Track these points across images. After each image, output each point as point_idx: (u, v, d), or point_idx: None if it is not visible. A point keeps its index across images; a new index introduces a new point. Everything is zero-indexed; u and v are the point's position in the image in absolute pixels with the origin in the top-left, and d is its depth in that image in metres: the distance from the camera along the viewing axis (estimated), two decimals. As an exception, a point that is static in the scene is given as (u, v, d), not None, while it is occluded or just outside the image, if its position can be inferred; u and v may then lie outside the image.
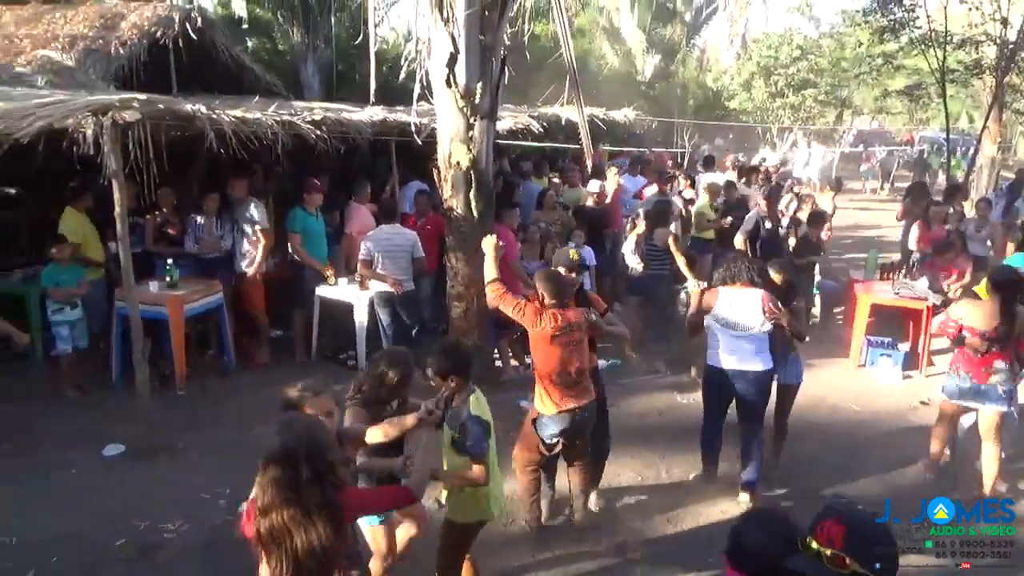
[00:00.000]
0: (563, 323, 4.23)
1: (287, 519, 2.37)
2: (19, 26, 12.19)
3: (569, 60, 6.64)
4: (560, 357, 4.24)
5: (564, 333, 4.23)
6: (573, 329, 4.27)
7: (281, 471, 2.39)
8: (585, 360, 4.37)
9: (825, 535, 1.91)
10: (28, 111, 5.36)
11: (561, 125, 11.69)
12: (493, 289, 4.44)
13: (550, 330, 4.21)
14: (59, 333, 6.30)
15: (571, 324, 4.26)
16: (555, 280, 4.40)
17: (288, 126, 6.48)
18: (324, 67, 19.18)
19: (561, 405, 4.28)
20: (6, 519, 4.56)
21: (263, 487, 2.42)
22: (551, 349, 4.24)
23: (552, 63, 19.28)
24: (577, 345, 4.30)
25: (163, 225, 7.22)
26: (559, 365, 4.25)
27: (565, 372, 4.26)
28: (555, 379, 4.27)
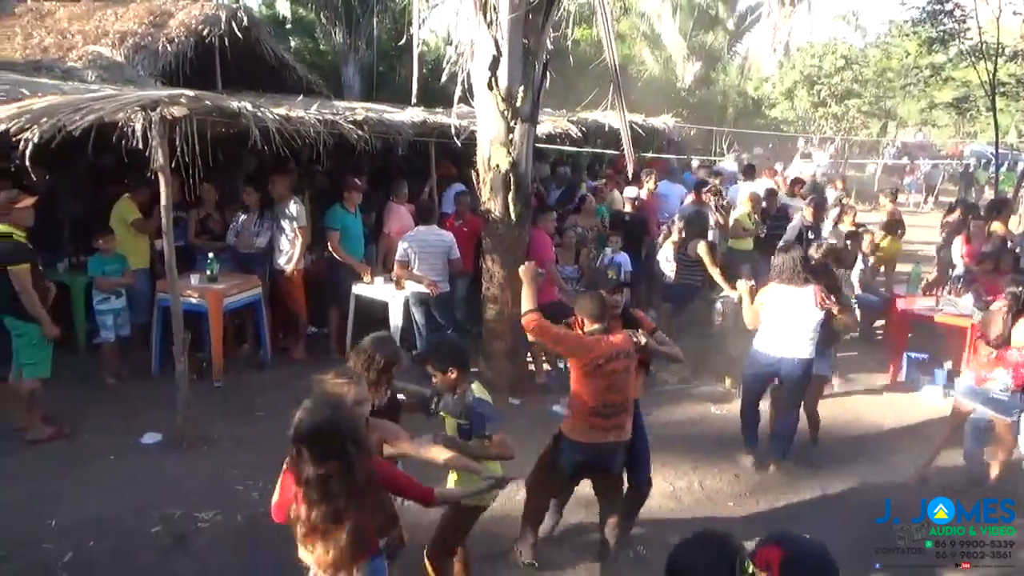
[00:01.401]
0: (609, 350, 3.90)
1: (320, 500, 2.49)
2: (72, 22, 12.52)
3: (612, 65, 6.61)
4: (601, 387, 3.90)
5: (609, 361, 3.89)
6: (620, 356, 3.94)
7: (325, 445, 2.50)
8: (629, 391, 4.04)
9: (763, 559, 1.86)
10: (80, 104, 5.49)
11: (604, 131, 11.66)
12: (529, 320, 4.00)
13: (594, 358, 3.88)
14: (103, 322, 6.45)
15: (618, 351, 3.93)
16: (596, 302, 4.06)
17: (330, 125, 6.56)
18: (365, 68, 19.40)
19: (588, 437, 3.98)
20: (47, 502, 4.67)
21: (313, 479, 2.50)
22: (593, 378, 3.90)
23: (592, 68, 19.29)
24: (623, 374, 3.95)
25: (205, 220, 7.35)
26: (599, 396, 3.91)
27: (603, 404, 3.92)
28: (590, 409, 3.94)
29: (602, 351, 3.90)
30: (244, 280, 6.96)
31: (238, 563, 4.17)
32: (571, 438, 4.03)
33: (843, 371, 7.43)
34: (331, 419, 2.55)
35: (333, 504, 2.51)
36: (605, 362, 3.89)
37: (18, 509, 4.59)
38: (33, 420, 5.49)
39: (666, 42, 24.07)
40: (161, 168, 5.26)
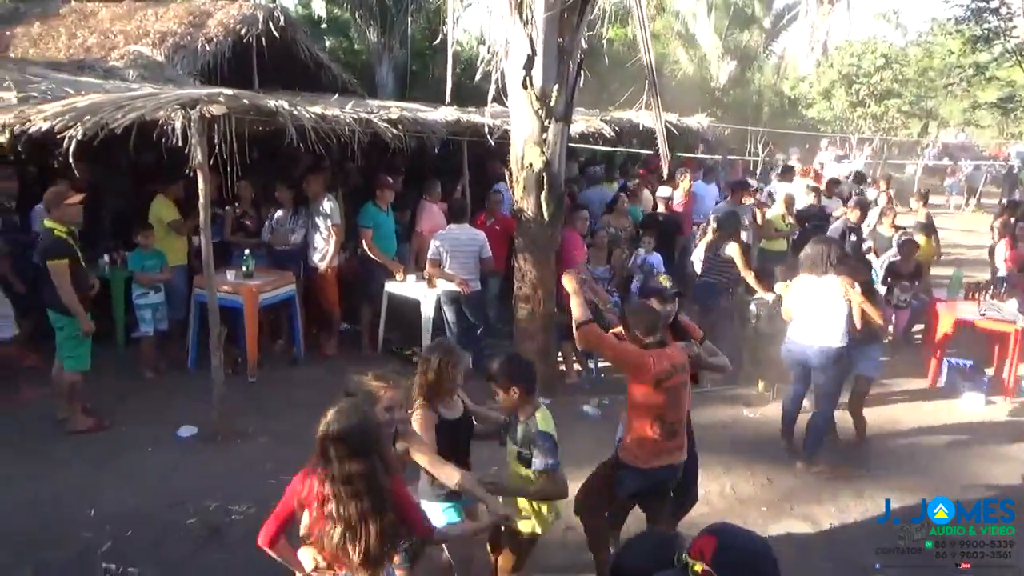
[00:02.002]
0: (668, 365, 3.68)
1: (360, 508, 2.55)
2: (114, 22, 12.80)
3: (648, 65, 6.56)
4: (663, 405, 3.70)
5: (669, 376, 3.68)
6: (678, 371, 3.73)
7: (354, 462, 2.56)
8: (686, 406, 3.86)
9: (697, 550, 1.84)
10: (122, 103, 5.61)
11: (638, 130, 11.58)
12: (585, 333, 3.84)
13: (655, 375, 3.67)
14: (142, 316, 6.58)
15: (676, 366, 3.72)
16: (650, 315, 3.84)
17: (365, 124, 6.61)
18: (398, 67, 19.53)
19: (653, 461, 3.77)
20: (87, 492, 4.78)
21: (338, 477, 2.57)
22: (655, 396, 3.69)
23: (625, 68, 19.15)
24: (681, 389, 3.76)
25: (241, 216, 7.45)
26: (661, 415, 3.71)
27: (666, 422, 3.72)
28: (654, 430, 3.71)
29: (662, 367, 3.68)
30: (279, 277, 7.04)
31: (270, 558, 4.20)
32: (635, 466, 3.80)
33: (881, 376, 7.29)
34: (359, 424, 2.61)
35: (360, 503, 2.57)
36: (666, 377, 3.68)
37: (60, 498, 4.70)
38: (74, 412, 5.62)
39: (700, 41, 23.82)
40: (200, 165, 5.34)
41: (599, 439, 5.77)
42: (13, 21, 13.22)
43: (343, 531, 2.60)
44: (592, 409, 6.35)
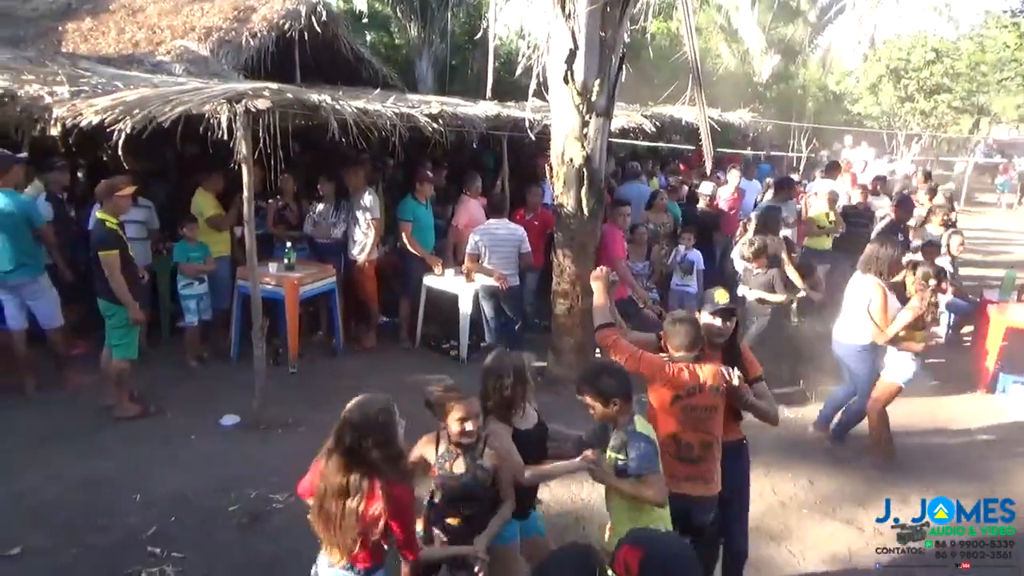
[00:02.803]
0: (691, 382, 3.36)
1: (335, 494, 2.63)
2: (161, 17, 13.03)
3: (693, 60, 6.48)
4: (679, 423, 3.37)
5: (690, 395, 3.36)
6: (705, 391, 3.37)
7: (337, 445, 2.64)
8: (714, 432, 3.43)
9: (622, 561, 1.77)
10: (170, 97, 5.71)
11: (679, 126, 11.46)
12: (604, 335, 3.61)
13: (671, 389, 3.37)
14: (187, 306, 6.72)
15: (700, 385, 3.36)
16: (688, 330, 3.45)
17: (406, 118, 6.64)
18: (438, 61, 19.60)
19: (670, 487, 3.28)
20: (133, 477, 4.90)
21: (325, 454, 2.70)
22: (670, 412, 3.38)
23: (666, 62, 18.93)
24: (706, 412, 3.38)
25: (283, 209, 7.55)
26: (676, 434, 3.38)
27: (681, 444, 3.38)
28: (668, 450, 3.33)
29: (683, 382, 3.36)
30: (320, 269, 7.13)
31: (310, 545, 4.23)
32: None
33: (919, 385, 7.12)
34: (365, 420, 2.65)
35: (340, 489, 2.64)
36: (686, 394, 3.36)
37: (107, 483, 4.82)
38: (121, 398, 5.75)
39: (743, 35, 23.45)
40: (244, 159, 5.42)
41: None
42: (64, 16, 13.55)
43: (318, 505, 2.70)
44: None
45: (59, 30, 12.93)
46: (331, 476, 2.65)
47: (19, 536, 4.20)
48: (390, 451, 2.67)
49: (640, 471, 2.99)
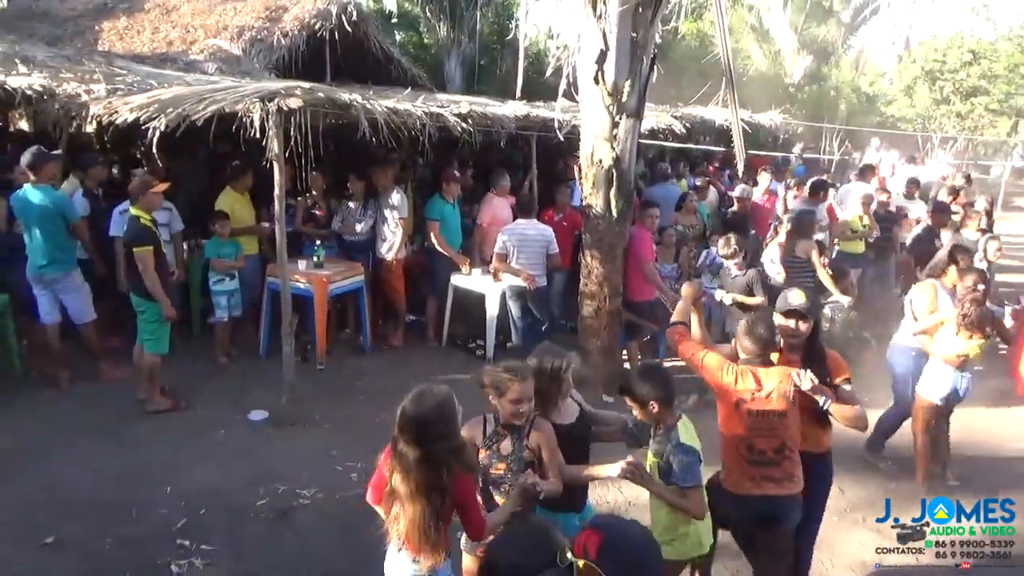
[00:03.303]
0: (755, 386, 3.33)
1: (404, 487, 2.64)
2: (195, 16, 13.21)
3: (726, 60, 6.42)
4: (743, 428, 3.35)
5: (756, 400, 3.32)
6: (769, 395, 3.32)
7: (405, 444, 2.63)
8: (789, 438, 3.36)
9: (580, 546, 1.76)
10: (204, 95, 5.79)
11: (710, 127, 11.37)
12: (673, 332, 3.72)
13: (735, 395, 3.35)
14: (218, 302, 6.80)
15: (766, 390, 3.33)
16: (760, 331, 3.40)
17: (436, 118, 6.66)
18: (466, 61, 19.65)
19: (739, 488, 3.38)
20: (164, 470, 4.97)
21: (392, 451, 2.69)
22: (736, 416, 3.36)
23: (695, 62, 18.78)
24: (775, 417, 3.32)
25: (312, 207, 7.61)
26: (742, 439, 3.35)
27: (751, 449, 3.34)
28: (739, 453, 3.36)
29: (745, 387, 3.34)
30: (348, 267, 7.17)
31: (337, 542, 4.31)
32: (727, 488, 3.46)
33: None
34: (426, 412, 2.65)
35: (408, 481, 2.64)
36: (749, 399, 3.33)
37: (139, 475, 4.90)
38: (153, 392, 5.84)
39: (775, 35, 23.20)
40: (276, 157, 5.47)
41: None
42: (101, 15, 13.80)
43: (389, 500, 2.73)
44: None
45: (95, 29, 13.16)
46: (396, 470, 2.68)
47: (53, 526, 4.28)
48: (452, 443, 2.70)
49: (683, 483, 3.00)
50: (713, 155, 12.32)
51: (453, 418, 2.73)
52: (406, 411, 2.66)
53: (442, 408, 2.68)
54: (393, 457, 2.70)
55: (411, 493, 2.63)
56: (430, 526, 2.65)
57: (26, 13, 14.25)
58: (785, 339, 3.57)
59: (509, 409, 3.00)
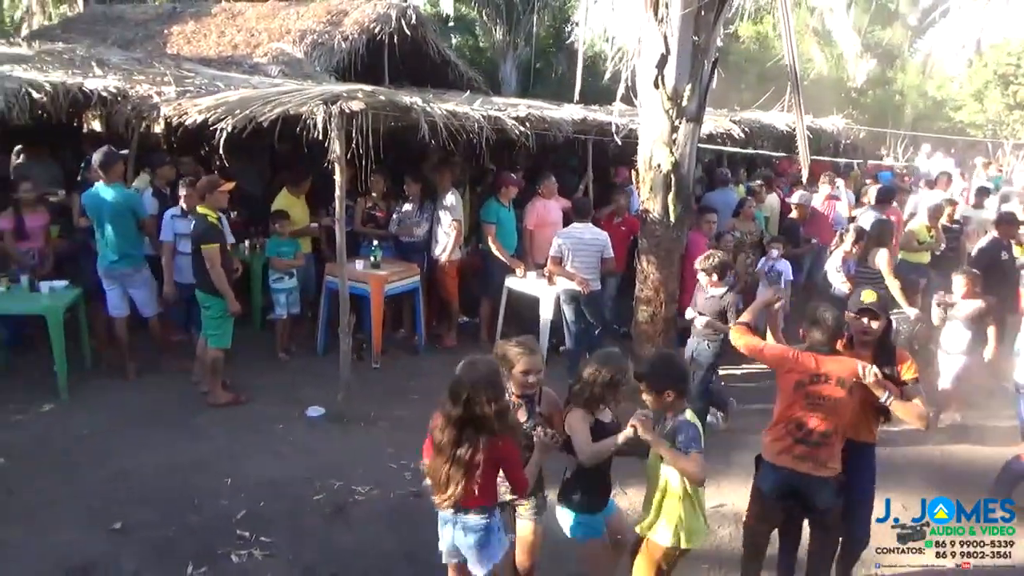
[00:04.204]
0: (815, 370, 3.53)
1: (451, 444, 2.94)
2: (259, 21, 13.58)
3: (791, 64, 6.30)
4: (798, 407, 3.56)
5: (812, 382, 3.53)
6: (827, 381, 3.52)
7: (453, 405, 2.92)
8: (838, 423, 3.54)
9: None
10: (269, 97, 5.95)
11: (769, 131, 11.17)
12: (735, 328, 3.95)
13: (796, 375, 3.57)
14: (277, 300, 6.96)
15: (823, 375, 3.52)
16: (827, 320, 3.60)
17: (493, 121, 6.69)
18: (522, 64, 19.71)
19: (776, 459, 3.63)
20: (225, 462, 5.11)
21: (441, 411, 2.99)
22: (793, 396, 3.58)
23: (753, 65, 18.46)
24: (830, 401, 3.51)
25: (372, 208, 7.72)
26: (793, 415, 3.58)
27: (797, 425, 3.57)
28: (786, 428, 3.60)
29: (805, 368, 3.55)
30: (404, 268, 7.26)
31: (391, 538, 4.36)
32: (767, 459, 3.72)
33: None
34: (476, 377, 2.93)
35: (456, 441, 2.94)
36: (808, 382, 3.53)
37: (201, 465, 5.04)
38: (215, 386, 6.00)
39: (837, 38, 22.65)
40: (338, 158, 5.57)
41: (717, 448, 5.60)
42: (170, 20, 14.29)
43: (435, 458, 3.01)
44: (712, 418, 6.17)
45: (164, 33, 13.64)
46: (444, 428, 2.95)
47: (121, 512, 4.44)
48: (500, 405, 2.95)
49: (687, 448, 3.16)
50: (772, 161, 12.08)
51: (501, 384, 3.04)
52: (460, 377, 2.95)
53: (491, 375, 2.99)
54: (442, 418, 2.98)
55: (459, 449, 2.93)
56: (468, 476, 2.94)
57: (100, 18, 14.87)
58: (857, 336, 3.70)
59: (520, 380, 3.27)
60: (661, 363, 3.37)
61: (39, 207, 6.80)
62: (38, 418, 5.66)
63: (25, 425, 5.54)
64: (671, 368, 3.31)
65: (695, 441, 3.17)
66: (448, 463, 2.95)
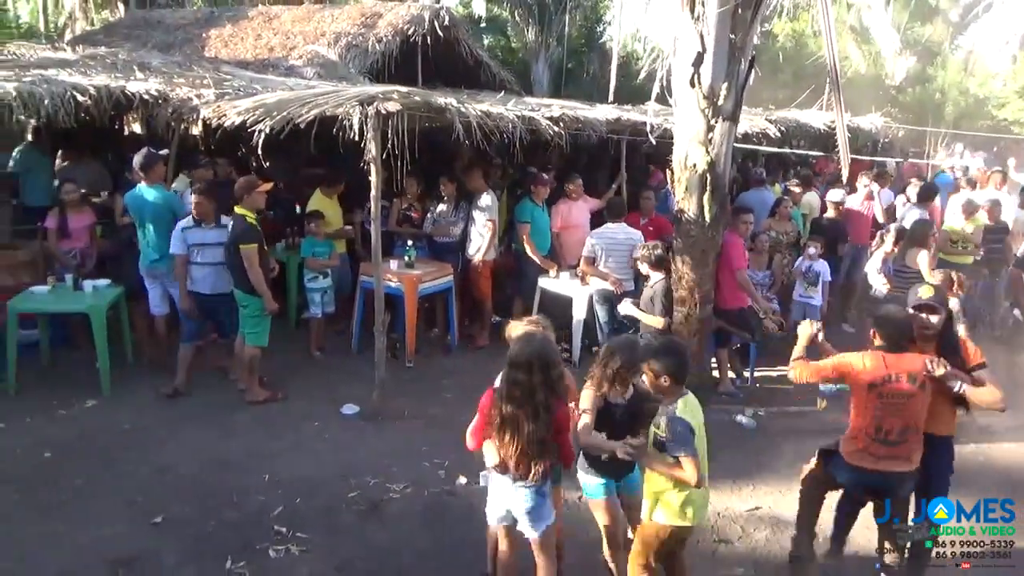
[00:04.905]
0: (887, 372, 3.64)
1: (519, 411, 3.16)
2: (295, 23, 13.71)
3: (831, 62, 6.21)
4: (875, 410, 3.67)
5: (887, 383, 3.64)
6: (902, 379, 3.63)
7: (520, 373, 3.15)
8: (915, 419, 3.67)
9: None
10: (306, 99, 6.01)
11: (806, 130, 11.01)
12: (795, 367, 4.02)
13: (868, 377, 3.68)
14: (312, 299, 7.04)
15: (896, 374, 3.63)
16: (892, 324, 3.76)
17: (527, 121, 6.70)
18: (554, 64, 19.67)
19: (857, 460, 3.75)
20: (261, 458, 5.18)
21: (506, 382, 3.22)
22: (867, 399, 3.69)
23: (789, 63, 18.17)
24: (905, 399, 3.64)
25: (407, 208, 7.77)
26: (873, 421, 3.68)
27: (880, 430, 3.67)
28: (866, 433, 3.72)
29: (877, 372, 3.67)
30: (438, 268, 7.30)
31: (426, 536, 4.38)
32: (844, 459, 3.83)
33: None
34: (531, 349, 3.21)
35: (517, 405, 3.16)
36: (881, 383, 3.65)
37: (239, 461, 5.13)
38: (252, 383, 6.09)
39: (875, 36, 22.21)
40: (373, 159, 5.62)
41: (752, 451, 5.57)
42: (208, 24, 14.52)
43: (504, 432, 3.21)
44: (747, 419, 6.11)
45: (203, 36, 13.85)
46: (508, 402, 3.18)
47: (162, 506, 4.53)
48: (555, 372, 3.21)
49: (675, 452, 3.23)
50: (809, 160, 11.91)
51: (556, 352, 3.33)
52: (521, 350, 3.21)
53: (547, 344, 3.32)
54: (503, 393, 3.20)
55: (527, 415, 3.14)
56: (542, 443, 3.18)
57: (141, 23, 15.15)
58: (919, 332, 3.81)
59: None
60: (661, 348, 3.49)
61: (83, 208, 6.98)
62: (82, 413, 5.80)
63: (69, 420, 5.68)
64: (670, 356, 3.38)
65: (681, 440, 3.23)
66: (520, 434, 3.15)
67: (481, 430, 3.35)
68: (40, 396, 5.98)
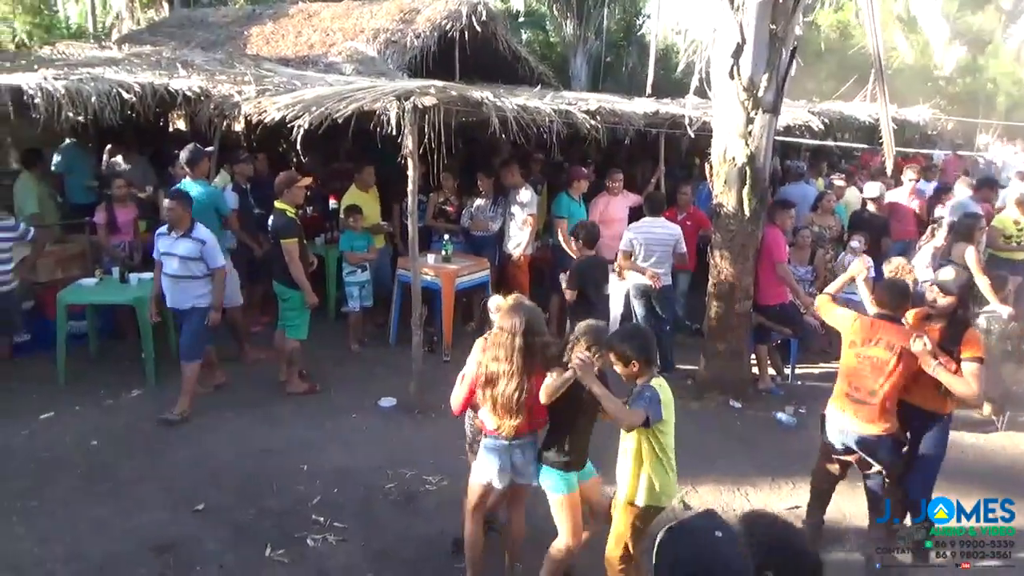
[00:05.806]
0: (869, 335, 3.95)
1: (499, 370, 3.40)
2: (334, 20, 13.85)
3: (876, 53, 6.05)
4: (850, 367, 4.02)
5: (865, 344, 3.94)
6: (879, 344, 3.91)
7: (505, 337, 3.39)
8: (884, 383, 3.87)
9: None
10: (344, 94, 6.07)
11: (849, 123, 10.77)
12: (821, 299, 4.43)
13: (851, 336, 4.03)
14: (350, 293, 7.12)
15: (879, 338, 3.92)
16: (887, 290, 4.17)
17: (564, 115, 6.66)
18: (592, 58, 19.52)
19: (830, 407, 4.13)
20: (301, 449, 5.27)
21: (492, 344, 3.47)
22: (846, 355, 4.07)
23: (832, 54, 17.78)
24: (876, 363, 3.90)
25: (444, 203, 7.80)
26: (846, 376, 4.03)
27: (848, 386, 4.01)
28: (841, 386, 4.07)
29: (860, 332, 3.98)
30: (475, 262, 7.32)
31: (458, 527, 4.39)
32: (825, 411, 4.20)
33: None
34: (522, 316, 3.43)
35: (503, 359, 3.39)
36: (860, 344, 3.94)
37: (278, 452, 5.22)
38: (292, 375, 6.19)
39: (923, 25, 21.59)
40: (410, 153, 5.65)
41: (792, 449, 5.47)
42: (250, 22, 14.75)
43: (487, 386, 3.44)
44: (787, 417, 6.00)
45: (244, 34, 14.07)
46: (497, 359, 3.40)
47: (203, 494, 4.63)
48: (543, 339, 3.46)
49: (633, 403, 3.32)
50: (853, 153, 11.65)
51: (542, 323, 3.55)
52: (511, 314, 3.43)
53: (535, 313, 3.51)
54: (494, 350, 3.42)
55: (511, 372, 3.36)
56: (521, 397, 3.37)
57: (185, 21, 15.47)
58: (925, 307, 4.09)
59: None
60: (628, 335, 3.57)
61: (129, 202, 7.15)
62: (127, 403, 5.96)
63: (115, 409, 5.84)
64: (636, 340, 3.44)
65: (644, 399, 3.30)
66: (517, 389, 3.36)
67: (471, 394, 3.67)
68: (88, 386, 6.16)
